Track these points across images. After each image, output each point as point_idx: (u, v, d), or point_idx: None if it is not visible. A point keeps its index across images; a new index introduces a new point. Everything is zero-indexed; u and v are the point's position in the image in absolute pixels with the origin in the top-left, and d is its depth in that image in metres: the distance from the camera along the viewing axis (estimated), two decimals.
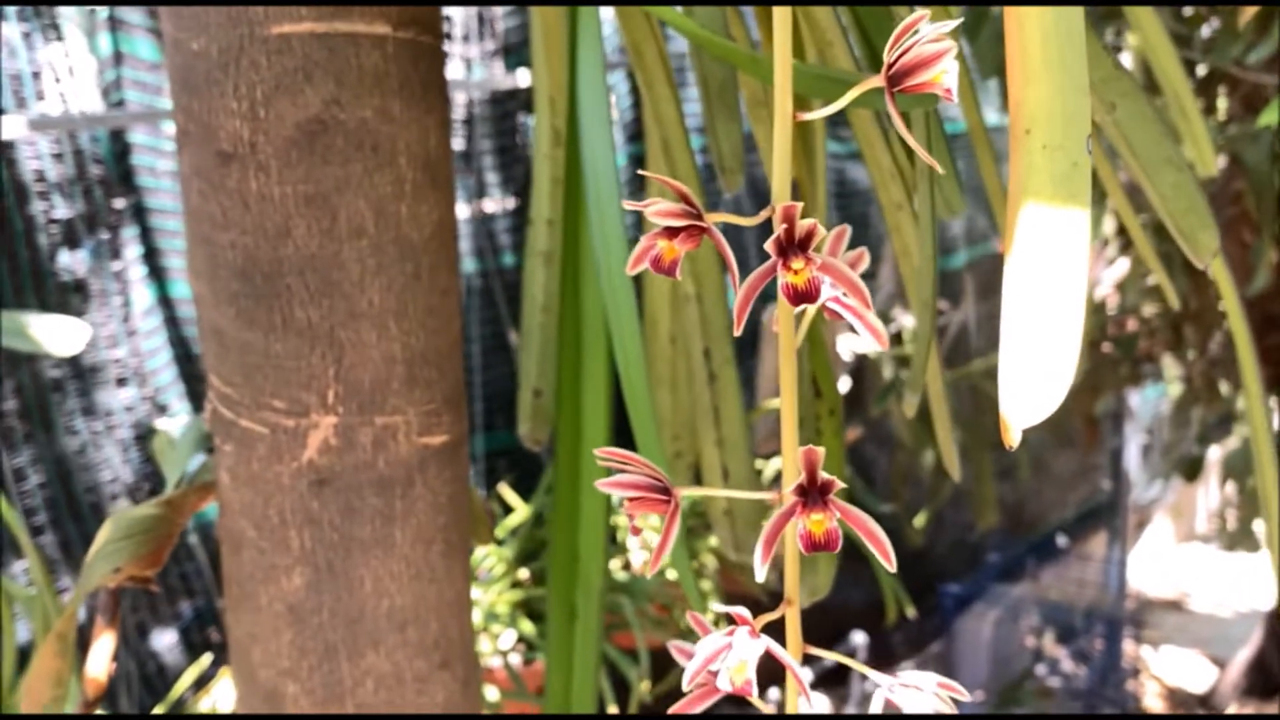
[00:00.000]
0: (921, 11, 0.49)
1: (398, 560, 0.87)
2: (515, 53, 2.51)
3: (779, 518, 0.53)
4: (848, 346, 2.68)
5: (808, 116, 0.55)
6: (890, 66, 0.50)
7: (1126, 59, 2.26)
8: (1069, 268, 0.43)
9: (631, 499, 0.56)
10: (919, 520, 2.89)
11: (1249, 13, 1.09)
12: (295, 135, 0.78)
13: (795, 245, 0.51)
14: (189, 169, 0.82)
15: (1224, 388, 2.69)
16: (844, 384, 2.69)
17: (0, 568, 1.93)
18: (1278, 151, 2.20)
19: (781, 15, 0.53)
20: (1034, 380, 0.43)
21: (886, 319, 2.81)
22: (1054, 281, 0.43)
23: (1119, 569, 3.39)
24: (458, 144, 2.44)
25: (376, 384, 0.84)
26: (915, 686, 0.55)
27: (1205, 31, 2.25)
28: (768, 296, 0.54)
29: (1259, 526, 2.97)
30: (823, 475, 0.53)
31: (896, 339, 2.76)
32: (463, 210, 2.46)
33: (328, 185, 0.79)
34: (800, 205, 0.51)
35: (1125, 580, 3.42)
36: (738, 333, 0.55)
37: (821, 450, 0.53)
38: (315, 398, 0.83)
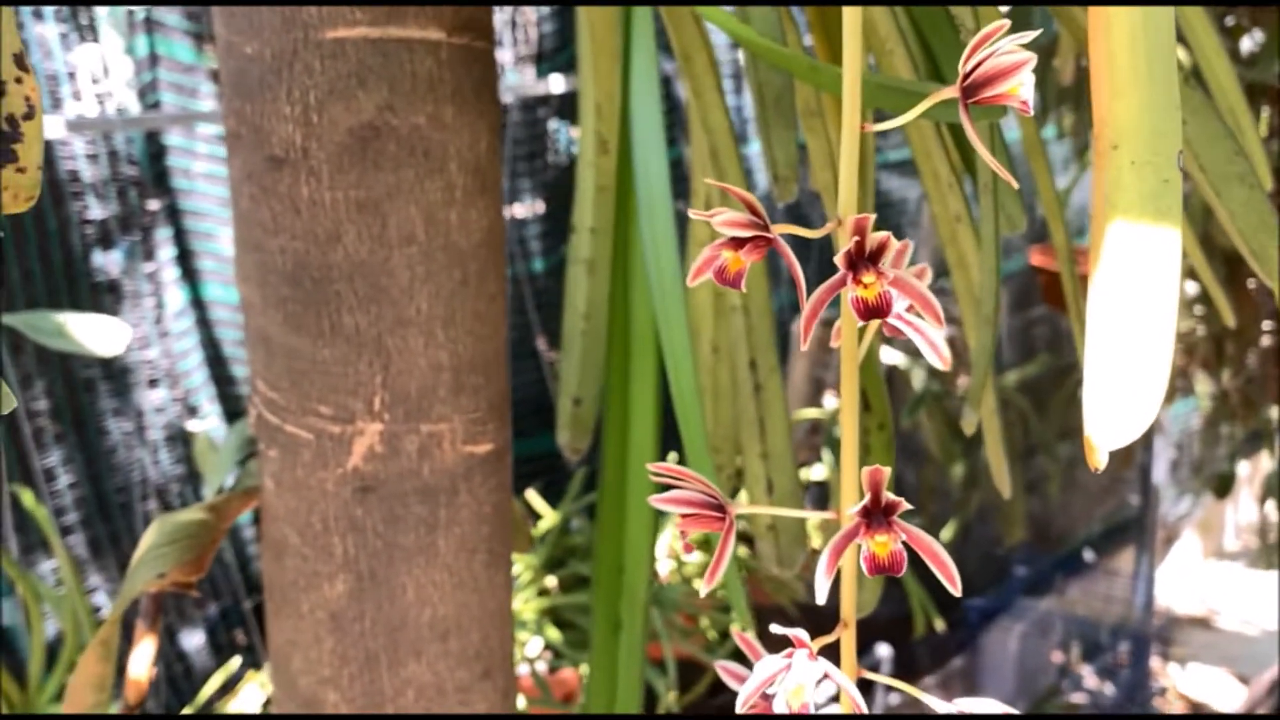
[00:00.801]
0: (1001, 21, 0.48)
1: (440, 569, 0.86)
2: (547, 59, 2.51)
3: (841, 539, 0.53)
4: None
5: (875, 128, 0.54)
6: (966, 77, 0.49)
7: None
8: (1160, 287, 0.42)
9: (685, 515, 0.55)
10: (946, 533, 2.87)
11: None
12: (348, 141, 0.78)
13: (866, 259, 0.50)
14: (240, 173, 0.82)
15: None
16: None
17: (30, 567, 1.94)
18: None
19: (852, 22, 0.52)
20: (1121, 402, 0.42)
21: None
22: (1144, 301, 0.42)
23: (1146, 585, 3.36)
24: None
25: (423, 391, 0.83)
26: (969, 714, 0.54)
27: (1247, 44, 2.23)
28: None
29: None
30: (887, 496, 0.52)
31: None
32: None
33: (379, 191, 0.79)
34: (872, 217, 0.50)
35: (1152, 596, 3.39)
36: (804, 347, 0.54)
37: (887, 470, 0.52)
38: (361, 404, 0.82)
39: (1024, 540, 3.05)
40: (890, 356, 2.68)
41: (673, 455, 1.14)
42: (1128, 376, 0.42)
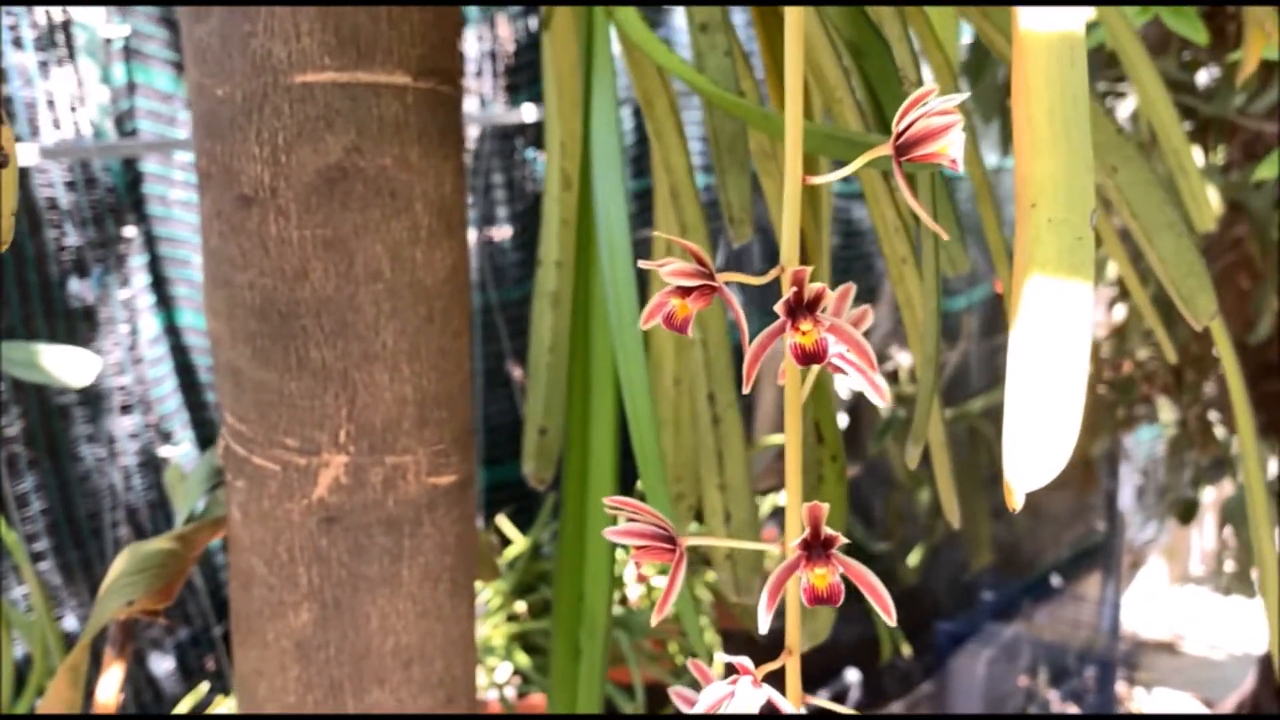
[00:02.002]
0: (929, 86, 0.51)
1: (404, 598, 0.88)
2: (524, 89, 2.54)
3: (783, 571, 0.55)
4: (845, 385, 2.69)
5: (817, 180, 0.57)
6: (898, 136, 0.52)
7: (1127, 104, 2.29)
8: (1072, 340, 0.45)
9: (639, 548, 0.57)
10: (914, 558, 2.90)
11: (1249, 69, 1.11)
12: (315, 181, 0.80)
13: (804, 307, 0.52)
14: (210, 211, 0.84)
15: (1219, 431, 2.71)
16: (841, 421, 2.70)
17: (0, 592, 1.94)
18: None
19: (794, 79, 0.55)
20: (1037, 448, 0.45)
21: (884, 357, 2.83)
22: (1058, 353, 0.45)
23: (1113, 610, 3.40)
24: (479, 172, 2.47)
25: (388, 424, 0.85)
26: None
27: (1204, 77, 2.28)
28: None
29: (1256, 571, 2.98)
30: (826, 530, 0.54)
31: (893, 377, 2.78)
32: (472, 233, 2.49)
33: (346, 230, 0.81)
34: (810, 269, 0.52)
35: (1119, 621, 3.42)
36: (746, 390, 0.56)
37: (825, 506, 0.54)
38: (327, 437, 0.84)
39: (991, 565, 3.08)
40: (859, 383, 2.71)
41: (639, 484, 1.16)
42: (1042, 424, 0.45)
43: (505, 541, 2.24)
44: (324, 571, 0.86)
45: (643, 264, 0.57)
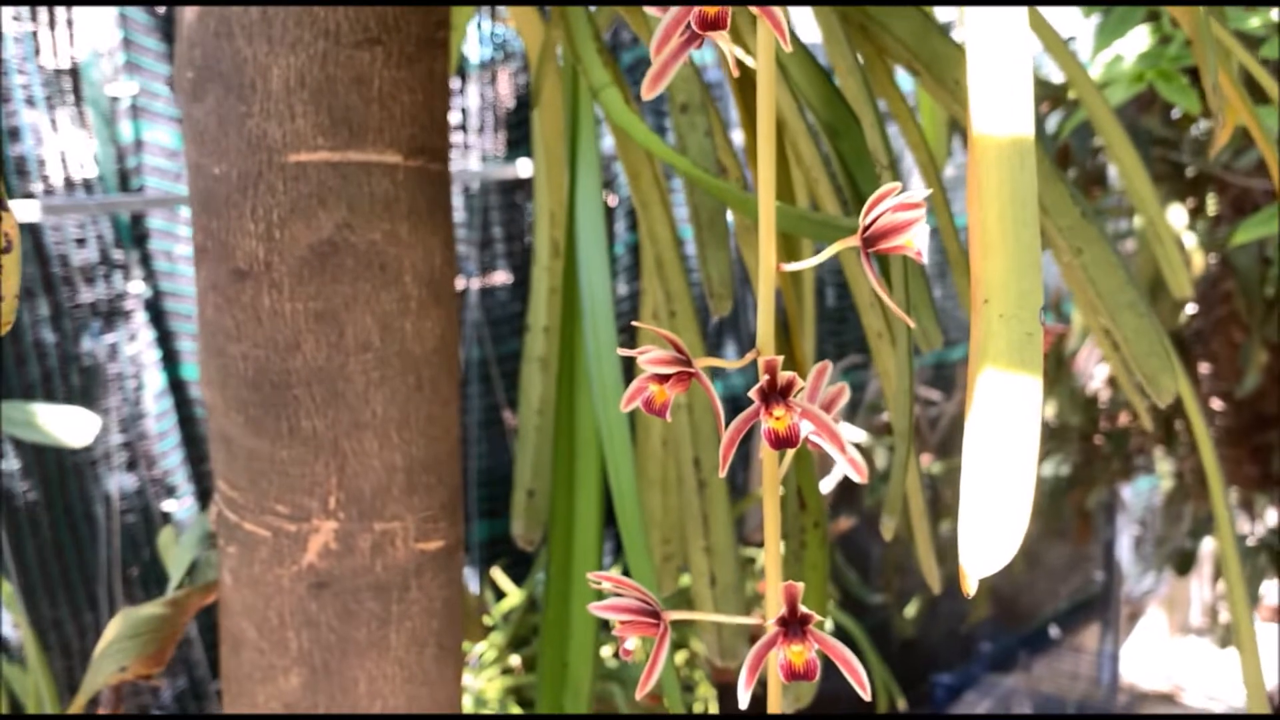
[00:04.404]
0: (894, 184, 0.53)
1: (392, 663, 0.89)
2: (520, 144, 2.58)
3: (760, 648, 0.57)
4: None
5: (789, 268, 0.59)
6: (865, 229, 0.54)
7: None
8: (1023, 431, 0.47)
9: (622, 622, 0.59)
10: (911, 609, 2.90)
11: (1223, 138, 1.14)
12: (308, 256, 0.82)
13: (777, 394, 0.55)
14: (205, 283, 0.86)
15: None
16: (836, 474, 2.72)
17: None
18: (1267, 256, 2.25)
19: (765, 169, 0.57)
20: (990, 536, 0.47)
21: (879, 409, 2.84)
22: (1009, 445, 0.47)
23: (1111, 662, 3.39)
24: (474, 226, 2.51)
25: (377, 491, 0.87)
26: None
27: (1194, 131, 2.31)
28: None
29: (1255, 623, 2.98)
30: (802, 609, 0.56)
31: (889, 430, 2.79)
32: (474, 284, 2.52)
33: (337, 302, 0.83)
34: (781, 359, 0.55)
35: (1118, 673, 3.41)
36: (722, 474, 0.58)
37: (801, 586, 0.56)
38: (317, 503, 0.86)
39: (989, 617, 3.08)
40: (852, 434, 2.73)
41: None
42: (994, 513, 0.47)
43: (500, 595, 2.25)
44: (313, 636, 0.88)
45: (621, 351, 0.59)
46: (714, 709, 2.21)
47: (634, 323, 0.61)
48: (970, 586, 0.48)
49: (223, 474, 0.89)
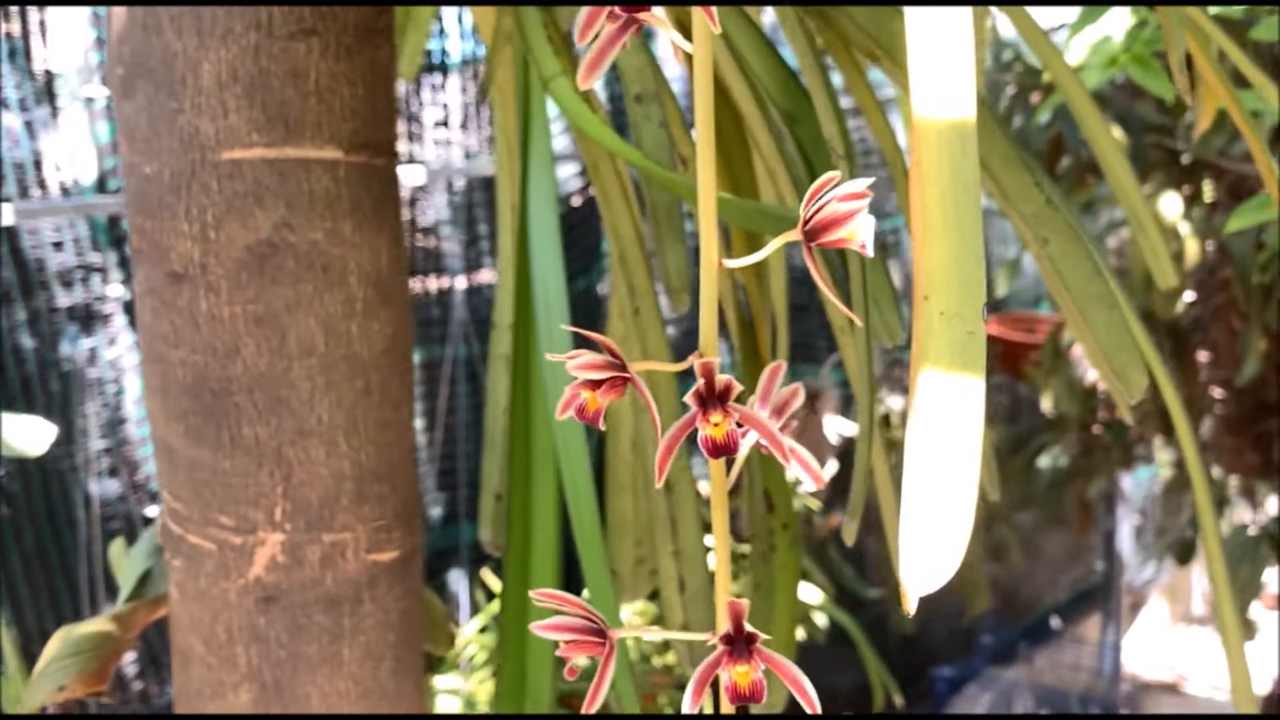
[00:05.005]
0: (833, 173, 0.49)
1: (345, 678, 0.86)
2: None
3: (705, 669, 0.54)
4: (834, 430, 2.68)
5: (731, 264, 0.56)
6: (806, 222, 0.51)
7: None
8: (963, 440, 0.44)
9: (568, 642, 0.56)
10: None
11: (1204, 124, 1.10)
12: (245, 257, 0.79)
13: (714, 399, 0.51)
14: (142, 287, 0.83)
15: (1215, 471, 2.68)
16: (831, 467, 2.68)
17: None
18: (1262, 242, 2.21)
19: (705, 160, 0.54)
20: (928, 553, 0.43)
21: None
22: (949, 455, 0.43)
23: (1113, 652, 3.36)
24: (458, 223, 2.48)
25: (325, 501, 0.84)
26: None
27: (1188, 118, 2.27)
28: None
29: (1255, 612, 2.95)
30: (747, 627, 0.53)
31: (885, 422, 2.76)
32: (460, 282, 2.49)
33: (277, 305, 0.80)
34: (716, 361, 0.51)
35: (1120, 663, 3.38)
36: (659, 484, 0.55)
37: (745, 603, 0.53)
38: (262, 515, 0.83)
39: (990, 609, 3.05)
40: (845, 427, 2.70)
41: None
42: (932, 531, 0.43)
43: (491, 596, 2.22)
44: (263, 652, 0.85)
45: (550, 356, 0.56)
46: (708, 708, 2.18)
47: (566, 326, 0.58)
48: (910, 605, 0.45)
49: (166, 485, 0.86)
